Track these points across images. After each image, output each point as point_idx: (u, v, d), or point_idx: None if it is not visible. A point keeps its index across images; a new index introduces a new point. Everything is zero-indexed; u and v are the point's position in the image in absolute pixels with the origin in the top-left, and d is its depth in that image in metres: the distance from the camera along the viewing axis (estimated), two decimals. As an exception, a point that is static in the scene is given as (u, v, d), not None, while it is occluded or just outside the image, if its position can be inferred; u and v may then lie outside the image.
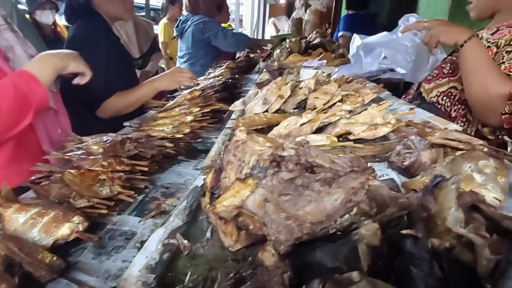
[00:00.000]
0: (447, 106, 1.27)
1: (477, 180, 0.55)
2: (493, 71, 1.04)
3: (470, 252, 0.34)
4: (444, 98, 1.28)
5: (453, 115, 1.26)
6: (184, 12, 3.22)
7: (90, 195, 0.78)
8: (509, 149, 0.91)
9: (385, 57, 1.41)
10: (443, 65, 1.32)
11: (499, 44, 1.13)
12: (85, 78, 1.09)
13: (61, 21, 3.13)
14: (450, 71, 1.28)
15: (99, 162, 0.81)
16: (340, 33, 3.84)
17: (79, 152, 0.86)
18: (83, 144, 0.88)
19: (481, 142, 0.64)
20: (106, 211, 0.77)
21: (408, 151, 0.66)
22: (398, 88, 2.74)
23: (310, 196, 0.43)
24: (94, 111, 1.50)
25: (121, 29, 2.54)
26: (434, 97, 1.31)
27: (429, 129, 0.72)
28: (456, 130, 0.72)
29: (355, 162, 0.62)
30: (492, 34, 1.19)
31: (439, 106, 1.29)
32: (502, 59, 1.08)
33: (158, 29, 4.09)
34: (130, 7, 1.64)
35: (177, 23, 3.17)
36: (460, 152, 0.61)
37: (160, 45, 4.04)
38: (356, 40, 1.40)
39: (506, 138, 0.94)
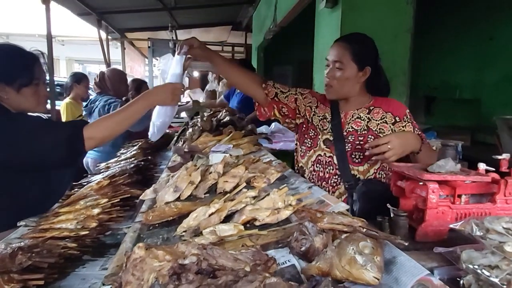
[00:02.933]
0: (384, 177, 1.53)
1: (359, 261, 0.63)
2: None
3: None
4: (381, 172, 1.54)
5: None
6: (91, 92, 3.20)
7: (-32, 326, 0.67)
8: (391, 215, 1.06)
9: None
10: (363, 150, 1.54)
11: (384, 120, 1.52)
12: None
13: None
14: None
15: (-18, 284, 0.72)
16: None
17: (-44, 274, 0.74)
18: (-38, 264, 0.77)
19: (360, 223, 0.75)
20: None
21: (303, 237, 0.73)
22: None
23: (209, 309, 0.45)
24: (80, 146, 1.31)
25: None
26: (372, 174, 1.53)
27: (319, 214, 0.81)
28: (341, 212, 0.83)
29: (256, 255, 0.67)
30: (368, 113, 1.55)
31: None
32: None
33: (61, 109, 3.89)
34: (44, 100, 1.53)
35: (86, 102, 3.12)
36: (345, 234, 0.70)
37: None
38: None
39: (388, 205, 1.09)
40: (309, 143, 1.63)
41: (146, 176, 1.86)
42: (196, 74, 12.10)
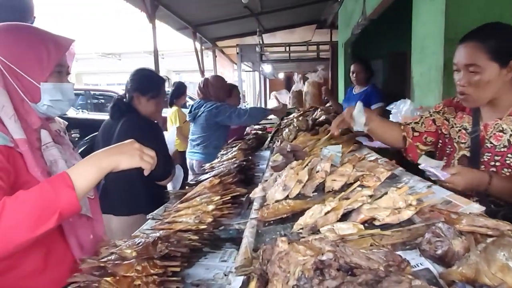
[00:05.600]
0: None
1: (514, 269, 0.56)
2: None
3: None
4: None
5: None
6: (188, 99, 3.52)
7: (125, 303, 0.78)
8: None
9: None
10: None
11: None
12: (147, 168, 1.00)
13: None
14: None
15: (134, 267, 0.83)
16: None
17: (113, 258, 0.88)
18: (116, 249, 0.90)
19: (508, 227, 0.66)
20: (141, 319, 0.77)
21: (438, 239, 0.67)
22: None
23: (359, 306, 0.44)
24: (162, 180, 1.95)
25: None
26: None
27: (454, 215, 0.74)
28: (480, 214, 0.75)
29: (389, 256, 0.64)
30: None
31: None
32: None
33: (172, 115, 4.51)
34: (161, 110, 2.14)
35: (189, 109, 3.41)
36: (491, 239, 0.63)
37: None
38: None
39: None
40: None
41: (248, 176, 1.94)
42: (281, 75, 12.27)
